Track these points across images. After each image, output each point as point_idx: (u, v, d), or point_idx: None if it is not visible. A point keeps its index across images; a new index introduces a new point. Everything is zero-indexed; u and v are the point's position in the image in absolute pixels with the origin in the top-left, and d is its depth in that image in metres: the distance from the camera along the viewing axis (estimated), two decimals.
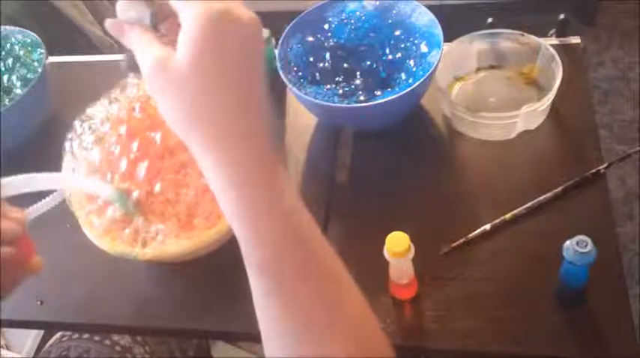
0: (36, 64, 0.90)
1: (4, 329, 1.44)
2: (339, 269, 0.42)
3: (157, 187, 0.68)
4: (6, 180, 0.58)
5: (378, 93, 0.77)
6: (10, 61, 0.91)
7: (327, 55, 0.81)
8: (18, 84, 0.89)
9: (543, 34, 0.84)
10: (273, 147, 0.41)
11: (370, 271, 0.66)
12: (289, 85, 0.77)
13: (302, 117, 0.84)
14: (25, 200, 0.63)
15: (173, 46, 0.39)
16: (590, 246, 0.55)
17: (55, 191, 0.67)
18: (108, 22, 0.43)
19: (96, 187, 0.67)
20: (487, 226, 0.68)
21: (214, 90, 0.38)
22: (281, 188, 0.40)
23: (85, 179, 0.69)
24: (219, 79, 0.38)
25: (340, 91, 0.78)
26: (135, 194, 0.67)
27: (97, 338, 0.87)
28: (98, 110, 0.74)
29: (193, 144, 0.40)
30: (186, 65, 0.38)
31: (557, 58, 0.75)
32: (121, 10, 0.43)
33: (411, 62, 0.78)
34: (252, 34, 0.39)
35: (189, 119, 0.39)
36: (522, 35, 0.79)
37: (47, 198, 0.66)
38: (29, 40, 0.93)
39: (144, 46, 0.40)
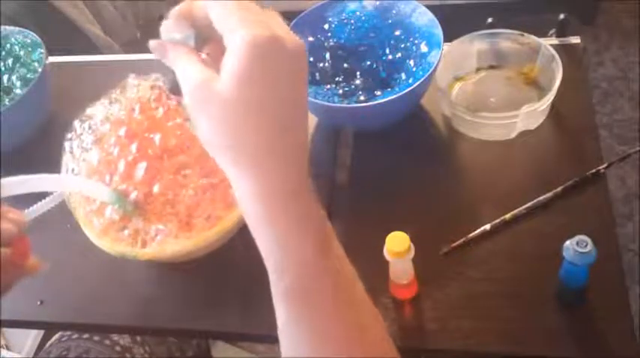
0: (36, 64, 0.90)
1: (4, 329, 1.44)
2: (362, 294, 0.43)
3: (156, 188, 0.68)
4: (5, 180, 0.58)
5: (378, 93, 0.77)
6: (10, 61, 0.91)
7: (327, 55, 0.81)
8: (18, 84, 0.89)
9: (543, 34, 0.84)
10: (307, 173, 0.41)
11: (370, 271, 0.65)
12: None
13: None
14: (24, 200, 0.63)
15: (216, 69, 0.39)
16: (590, 246, 0.55)
17: (54, 192, 0.68)
18: (151, 43, 0.42)
19: (94, 189, 0.67)
20: (487, 226, 0.68)
21: (256, 117, 0.38)
22: (314, 216, 0.40)
23: (83, 181, 0.69)
24: (262, 106, 0.38)
25: (340, 91, 0.78)
26: (133, 195, 0.67)
27: (96, 338, 0.87)
28: (98, 110, 0.74)
29: (229, 168, 0.39)
30: (230, 89, 0.37)
31: (557, 58, 0.75)
32: (165, 31, 0.42)
33: (411, 62, 0.78)
34: (298, 60, 0.39)
35: (228, 143, 0.38)
36: (522, 35, 0.79)
37: (46, 199, 0.67)
38: (29, 40, 0.93)
39: (187, 66, 0.40)
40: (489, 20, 0.83)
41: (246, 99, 0.37)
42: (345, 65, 0.80)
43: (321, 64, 0.81)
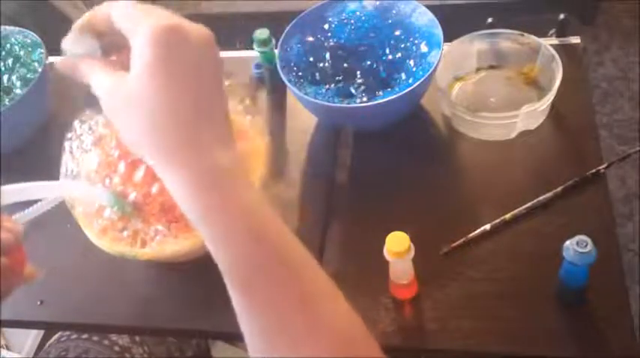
0: (36, 64, 0.90)
1: (4, 329, 1.44)
2: (313, 269, 0.41)
3: (155, 188, 0.67)
4: (4, 188, 0.58)
5: (379, 93, 0.77)
6: (10, 61, 0.91)
7: (327, 55, 0.81)
8: (18, 84, 0.89)
9: (543, 34, 0.84)
10: (234, 156, 0.40)
11: (370, 271, 0.66)
12: (289, 85, 0.76)
13: (302, 117, 0.84)
14: (23, 202, 0.63)
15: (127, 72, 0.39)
16: (590, 246, 0.55)
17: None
18: (58, 64, 0.43)
19: (92, 194, 0.67)
20: (487, 226, 0.68)
21: (168, 104, 0.38)
22: (239, 194, 0.39)
23: (81, 186, 0.69)
24: (173, 92, 0.38)
25: (340, 91, 0.78)
26: (132, 196, 0.67)
27: (95, 338, 0.87)
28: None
29: (152, 160, 0.39)
30: (139, 82, 0.38)
31: (557, 58, 0.75)
32: (69, 45, 0.43)
33: (411, 62, 0.78)
34: (205, 47, 0.39)
35: (146, 134, 0.39)
36: (522, 35, 0.79)
37: (43, 201, 0.66)
38: (29, 40, 0.93)
39: (98, 75, 0.40)
40: (489, 20, 0.83)
41: (155, 87, 0.38)
42: (345, 65, 0.80)
43: (321, 64, 0.81)
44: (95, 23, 0.42)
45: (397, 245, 0.58)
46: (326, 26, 0.83)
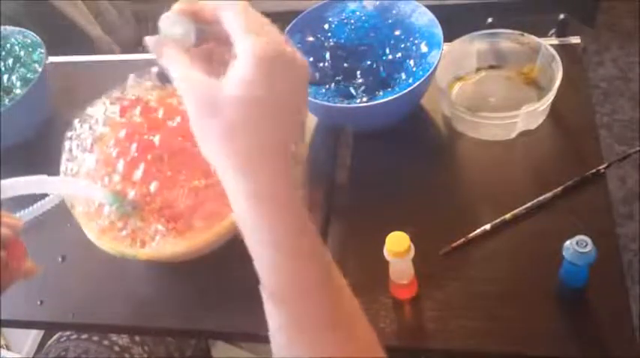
0: (36, 64, 0.90)
1: (4, 329, 1.44)
2: (351, 298, 0.43)
3: (155, 188, 0.67)
4: (3, 182, 0.59)
5: (379, 93, 0.77)
6: (10, 61, 0.91)
7: (327, 55, 0.81)
8: (18, 84, 0.89)
9: (543, 34, 0.84)
10: (301, 179, 0.41)
11: (370, 271, 0.66)
12: None
13: None
14: (23, 201, 0.63)
15: (211, 66, 0.40)
16: (590, 246, 0.55)
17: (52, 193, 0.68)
18: (148, 39, 0.43)
19: (92, 192, 0.67)
20: (487, 226, 0.68)
21: (260, 128, 0.39)
22: (305, 220, 0.41)
23: (81, 183, 0.69)
24: (267, 113, 0.39)
25: (340, 91, 0.78)
26: (131, 195, 0.67)
27: (95, 338, 0.87)
28: (98, 110, 0.74)
29: (221, 163, 0.40)
30: (234, 92, 0.38)
31: (557, 58, 0.75)
32: (165, 25, 0.42)
33: (411, 62, 0.78)
34: (302, 78, 0.41)
35: (227, 141, 0.39)
36: (522, 35, 0.79)
37: (43, 200, 0.67)
38: (29, 40, 0.93)
39: (186, 70, 0.40)
40: (489, 20, 0.84)
41: (250, 109, 0.38)
42: (345, 65, 0.80)
43: (321, 64, 0.81)
44: (200, 10, 0.42)
45: (397, 245, 0.58)
46: (326, 26, 0.83)
